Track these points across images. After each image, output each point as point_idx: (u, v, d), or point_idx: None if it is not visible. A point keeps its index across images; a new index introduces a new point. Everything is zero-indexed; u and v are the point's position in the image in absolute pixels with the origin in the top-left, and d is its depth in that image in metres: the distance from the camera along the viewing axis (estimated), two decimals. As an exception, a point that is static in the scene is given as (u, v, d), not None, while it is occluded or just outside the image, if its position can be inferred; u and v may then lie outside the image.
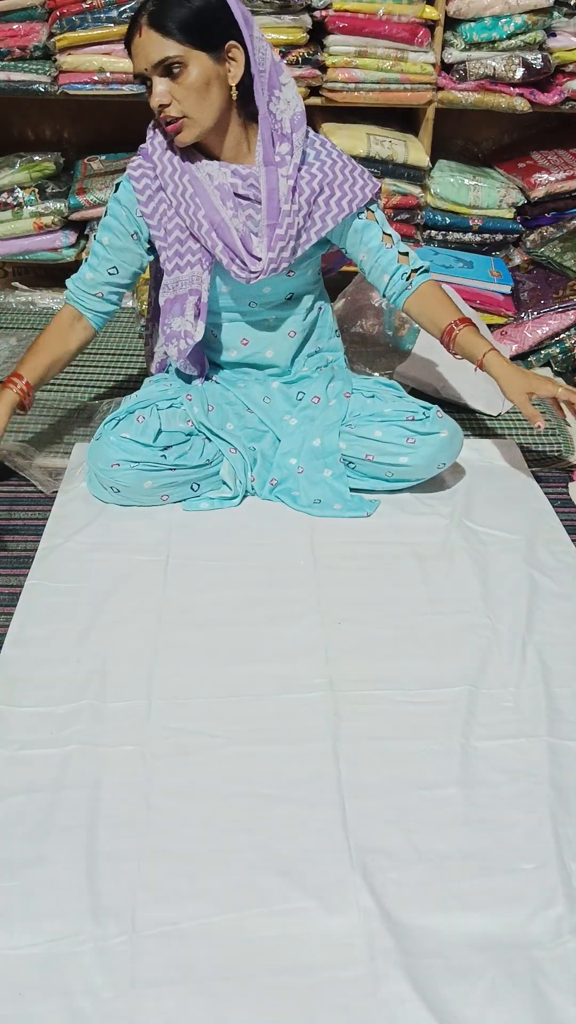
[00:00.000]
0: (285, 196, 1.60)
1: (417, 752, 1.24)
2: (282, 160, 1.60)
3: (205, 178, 1.61)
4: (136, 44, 1.51)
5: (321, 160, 1.65)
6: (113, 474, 1.70)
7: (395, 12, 2.37)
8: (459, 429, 1.78)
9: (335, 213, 1.66)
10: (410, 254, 1.73)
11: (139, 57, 1.51)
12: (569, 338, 2.39)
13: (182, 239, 1.65)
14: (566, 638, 1.45)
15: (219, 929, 1.02)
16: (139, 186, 1.64)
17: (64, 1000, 0.95)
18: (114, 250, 1.70)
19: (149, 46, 1.49)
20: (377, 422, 1.73)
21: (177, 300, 1.68)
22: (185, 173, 1.61)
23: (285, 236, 1.62)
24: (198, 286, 1.66)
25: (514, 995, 0.96)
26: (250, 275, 1.63)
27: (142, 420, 1.70)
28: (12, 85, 2.48)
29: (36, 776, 1.19)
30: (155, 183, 1.64)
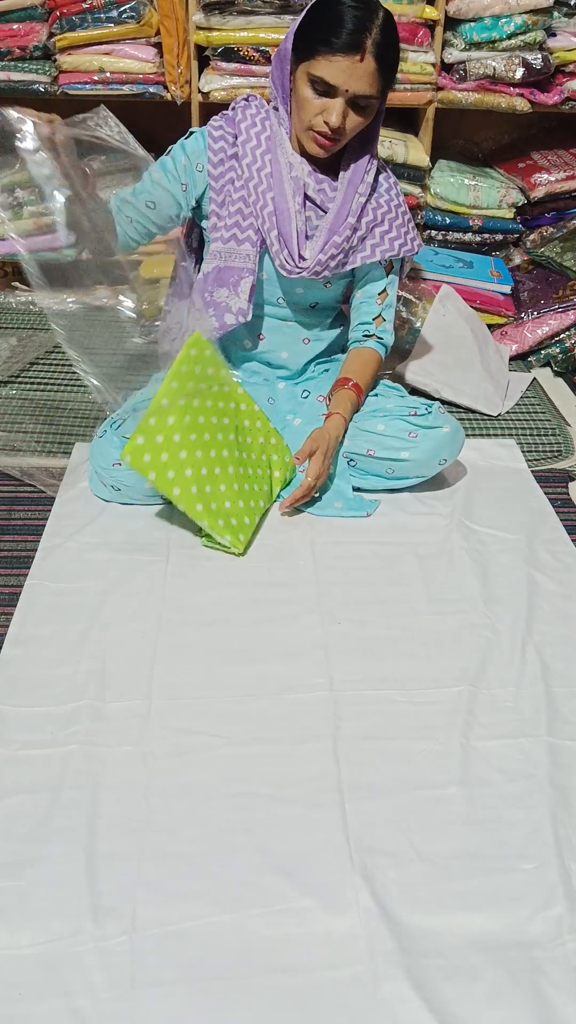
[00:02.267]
0: (354, 211, 1.65)
1: (417, 752, 1.24)
2: (363, 181, 1.65)
3: (286, 165, 1.63)
4: (351, 63, 1.46)
5: (390, 196, 1.73)
6: (114, 473, 1.70)
7: (395, 12, 2.37)
8: (460, 427, 1.78)
9: (384, 248, 1.72)
10: (386, 322, 1.80)
11: (346, 76, 1.47)
12: (569, 338, 2.39)
13: (244, 212, 1.66)
14: (566, 638, 1.46)
15: (219, 929, 1.02)
16: (215, 146, 1.65)
17: (64, 1000, 0.95)
18: (159, 188, 1.71)
19: (366, 76, 1.48)
20: (379, 417, 1.73)
21: (228, 271, 1.69)
22: (268, 152, 1.63)
23: (340, 245, 1.65)
24: (252, 265, 1.67)
25: (514, 995, 0.96)
26: (294, 268, 1.65)
27: None
28: (12, 85, 2.48)
29: (36, 776, 1.19)
30: (231, 149, 1.65)
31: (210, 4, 2.34)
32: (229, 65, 2.43)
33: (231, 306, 1.68)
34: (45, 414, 2.10)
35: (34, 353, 2.41)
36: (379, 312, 1.79)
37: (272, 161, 1.63)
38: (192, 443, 1.57)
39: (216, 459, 1.61)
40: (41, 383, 2.26)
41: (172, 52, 2.45)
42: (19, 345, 2.46)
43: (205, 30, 2.39)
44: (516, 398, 2.24)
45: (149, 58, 2.46)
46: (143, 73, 2.48)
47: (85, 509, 1.74)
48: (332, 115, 1.50)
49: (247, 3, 2.33)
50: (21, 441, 1.99)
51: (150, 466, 1.54)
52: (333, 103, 1.50)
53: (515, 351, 2.42)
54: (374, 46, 1.45)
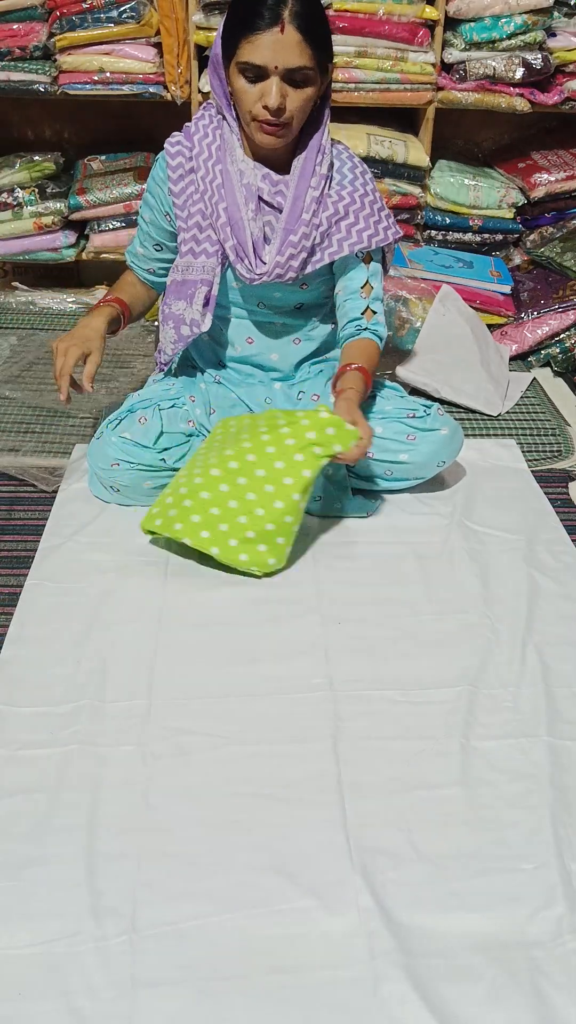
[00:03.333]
0: (308, 206, 1.60)
1: (417, 752, 1.24)
2: (315, 173, 1.60)
3: (236, 174, 1.60)
4: (272, 38, 1.42)
5: (354, 187, 1.65)
6: (113, 474, 1.70)
7: (395, 12, 2.37)
8: (459, 428, 1.78)
9: (353, 241, 1.65)
10: (377, 314, 1.72)
11: (271, 52, 1.43)
12: (569, 338, 2.39)
13: (202, 225, 1.65)
14: (566, 638, 1.45)
15: (219, 929, 1.02)
16: (173, 163, 1.64)
17: (64, 1000, 0.95)
18: (154, 227, 1.73)
19: (292, 47, 1.43)
20: (378, 419, 1.73)
21: (185, 284, 1.68)
22: (219, 162, 1.61)
23: (298, 244, 1.61)
24: (210, 277, 1.65)
25: (514, 995, 0.96)
26: (254, 276, 1.63)
27: (144, 421, 1.70)
28: (12, 85, 2.49)
29: (36, 776, 1.19)
30: (188, 163, 1.64)
31: (210, 4, 2.35)
32: (229, 65, 2.43)
33: (186, 318, 1.67)
34: (44, 414, 2.10)
35: (34, 353, 2.41)
36: (366, 306, 1.72)
37: (223, 171, 1.60)
38: (196, 486, 1.54)
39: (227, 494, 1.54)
40: (41, 383, 2.26)
41: (172, 52, 2.45)
42: (19, 345, 2.46)
43: (205, 30, 2.39)
44: (516, 398, 2.24)
45: (149, 58, 2.46)
46: (143, 73, 2.48)
47: (85, 509, 1.74)
48: (270, 97, 1.46)
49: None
50: (21, 441, 1.99)
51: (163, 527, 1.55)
52: (267, 84, 1.46)
53: (515, 351, 2.42)
54: (292, 16, 1.42)
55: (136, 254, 1.80)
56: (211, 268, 1.65)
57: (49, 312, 2.67)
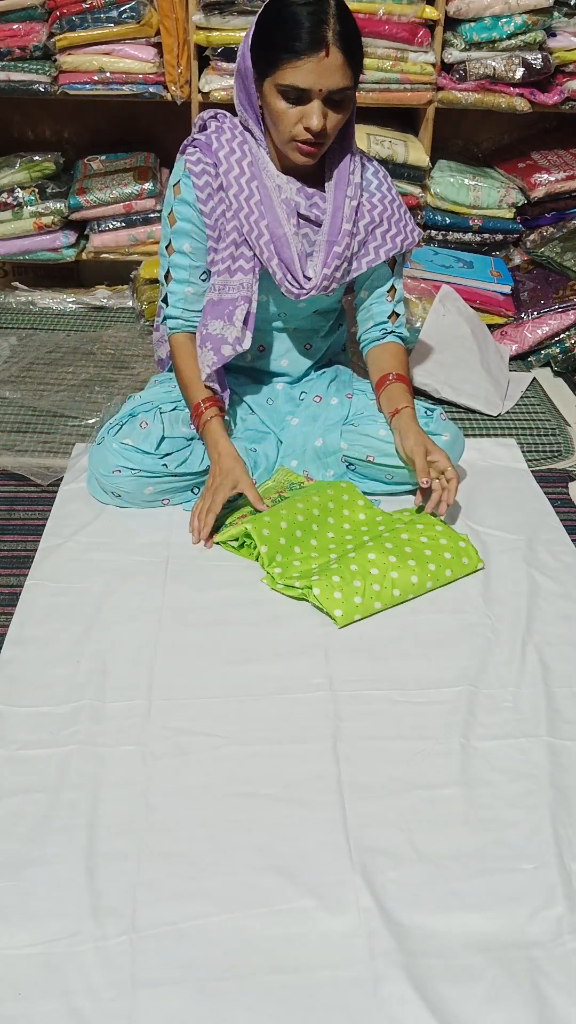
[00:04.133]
0: (348, 216, 1.61)
1: (417, 752, 1.24)
2: (349, 183, 1.61)
3: (274, 189, 1.57)
4: (318, 62, 1.40)
5: (382, 192, 1.68)
6: (114, 480, 1.69)
7: (395, 12, 2.37)
8: (460, 434, 1.78)
9: (388, 248, 1.68)
10: (400, 316, 1.77)
11: (316, 76, 1.41)
12: (569, 338, 2.39)
13: (237, 242, 1.60)
14: (566, 638, 1.45)
15: (219, 929, 1.02)
16: (199, 182, 1.59)
17: (64, 1000, 0.95)
18: (199, 255, 1.65)
19: (336, 70, 1.41)
20: (380, 421, 1.73)
21: (223, 304, 1.62)
22: (254, 178, 1.58)
23: (342, 255, 1.61)
24: (248, 294, 1.61)
25: (514, 995, 0.96)
26: (301, 292, 1.62)
27: (145, 426, 1.69)
28: (12, 85, 2.49)
29: (36, 776, 1.19)
30: (216, 181, 1.59)
31: (210, 4, 2.35)
32: (229, 65, 2.43)
33: (227, 336, 1.62)
34: (44, 414, 2.10)
35: (34, 353, 2.41)
36: (391, 309, 1.76)
37: (259, 187, 1.57)
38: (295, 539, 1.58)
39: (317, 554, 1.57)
40: (40, 383, 2.26)
41: (172, 52, 2.45)
42: (19, 344, 2.46)
43: (205, 30, 2.39)
44: (516, 398, 2.24)
45: (149, 58, 2.46)
46: (143, 73, 2.48)
47: (85, 509, 1.74)
48: (312, 119, 1.44)
49: (247, 3, 2.34)
50: (20, 441, 1.99)
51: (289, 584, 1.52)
52: (310, 107, 1.44)
53: (515, 351, 2.42)
54: (336, 37, 1.40)
55: (186, 297, 1.68)
56: (248, 285, 1.61)
57: (49, 312, 2.67)
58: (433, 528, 1.61)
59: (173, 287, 1.68)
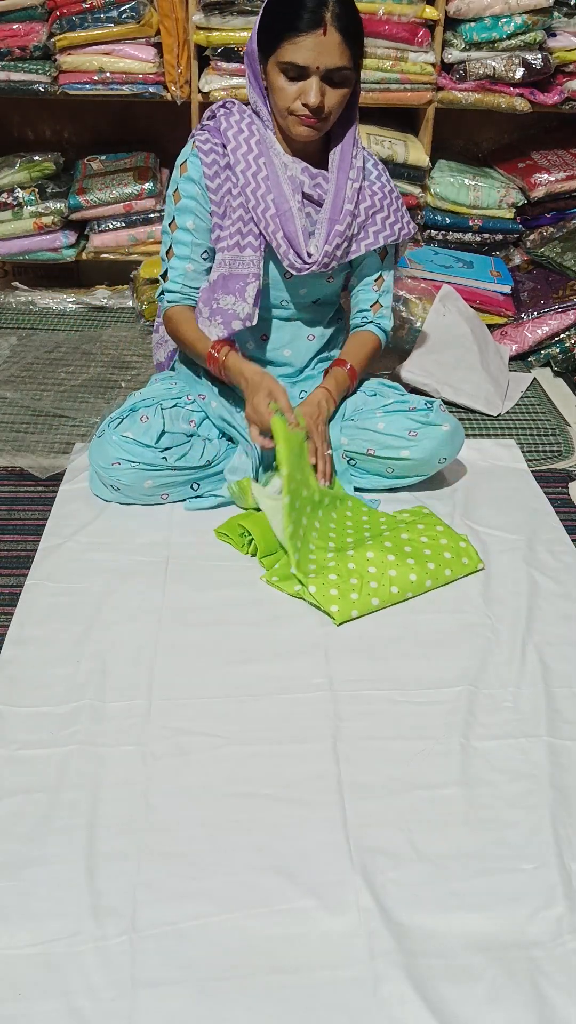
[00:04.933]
0: (350, 197, 1.66)
1: (417, 752, 1.24)
2: (352, 166, 1.67)
3: (281, 166, 1.63)
4: (316, 39, 1.47)
5: (382, 183, 1.73)
6: (113, 472, 1.69)
7: (395, 12, 2.37)
8: (460, 426, 1.78)
9: (386, 233, 1.72)
10: (384, 308, 1.82)
11: (314, 54, 1.48)
12: (569, 338, 2.39)
13: (245, 219, 1.65)
14: (566, 638, 1.45)
15: (219, 929, 1.02)
16: (207, 160, 1.64)
17: (64, 1000, 0.95)
18: (201, 232, 1.69)
19: (333, 49, 1.48)
20: (380, 415, 1.73)
21: (235, 279, 1.66)
22: (261, 155, 1.63)
23: (343, 233, 1.66)
24: (257, 270, 1.66)
25: (514, 995, 0.96)
26: (303, 266, 1.65)
27: (146, 420, 1.69)
28: (12, 85, 2.49)
29: (36, 776, 1.19)
30: (223, 159, 1.65)
31: (210, 4, 2.35)
32: (229, 65, 2.43)
33: (238, 312, 1.66)
34: (44, 415, 2.10)
35: (34, 353, 2.41)
36: (376, 299, 1.80)
37: (267, 164, 1.63)
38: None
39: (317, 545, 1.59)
40: (40, 383, 2.26)
41: (172, 52, 2.45)
42: (19, 344, 2.46)
43: (205, 30, 2.39)
44: (516, 398, 2.24)
45: (149, 58, 2.46)
46: (143, 73, 2.48)
47: (85, 509, 1.74)
48: (310, 95, 1.51)
49: (247, 3, 2.34)
50: (20, 441, 1.99)
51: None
52: (308, 83, 1.51)
53: (515, 351, 2.42)
54: (334, 18, 1.46)
55: (184, 277, 1.72)
56: (257, 261, 1.66)
57: (49, 312, 2.67)
58: (434, 528, 1.61)
59: (174, 263, 1.72)
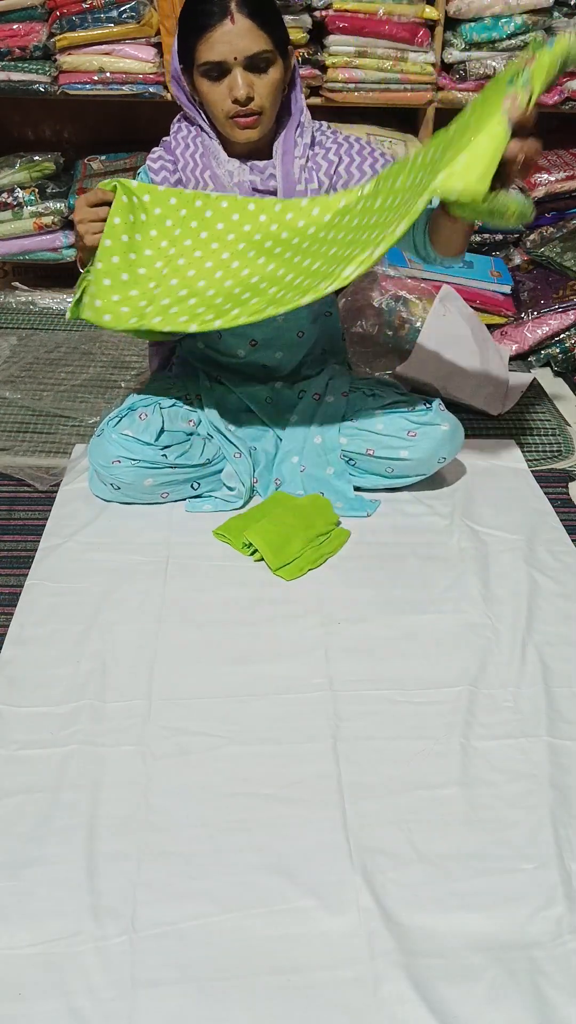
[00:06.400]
0: (299, 177, 1.62)
1: (417, 752, 1.24)
2: (296, 145, 1.61)
3: (226, 175, 1.61)
4: (225, 31, 1.44)
5: (337, 143, 1.66)
6: (113, 471, 1.70)
7: (395, 12, 2.37)
8: (459, 425, 1.78)
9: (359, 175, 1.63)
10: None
11: (227, 45, 1.45)
12: (569, 338, 2.39)
13: None
14: (566, 638, 1.45)
15: (219, 929, 1.02)
16: (157, 178, 1.64)
17: (64, 1000, 0.95)
18: None
19: (245, 36, 1.45)
20: (379, 415, 1.73)
21: None
22: (206, 169, 1.62)
23: None
24: None
25: (514, 995, 0.96)
26: None
27: (144, 418, 1.69)
28: (12, 85, 2.48)
29: (36, 776, 1.19)
30: (174, 176, 1.64)
31: (210, 4, 2.34)
32: (229, 65, 2.43)
33: None
34: (44, 415, 2.10)
35: (34, 353, 2.41)
36: None
37: (211, 176, 1.61)
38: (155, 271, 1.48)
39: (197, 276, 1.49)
40: (40, 384, 2.26)
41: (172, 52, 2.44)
42: (19, 344, 2.46)
43: (205, 30, 2.39)
44: (516, 398, 2.24)
45: (149, 58, 2.46)
46: (143, 73, 2.48)
47: (85, 509, 1.74)
48: (237, 88, 1.47)
49: (247, 3, 2.33)
50: (20, 442, 1.99)
51: (102, 309, 1.49)
52: (232, 78, 1.47)
53: (515, 351, 2.41)
54: (238, 5, 1.43)
55: None
56: None
57: (49, 312, 2.67)
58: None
59: None
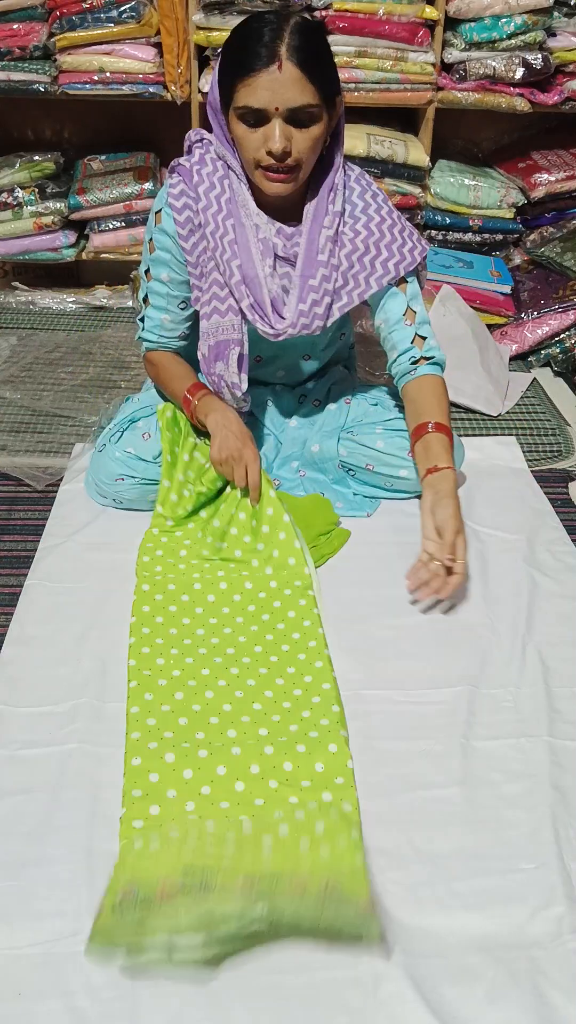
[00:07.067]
0: (323, 247, 1.51)
1: (417, 752, 1.24)
2: (327, 212, 1.51)
3: (252, 228, 1.49)
4: (271, 78, 1.31)
5: (369, 215, 1.55)
6: (116, 488, 1.69)
7: (395, 12, 2.37)
8: (461, 443, 1.76)
9: (380, 275, 1.56)
10: (428, 339, 1.61)
11: (270, 93, 1.32)
12: (569, 338, 2.39)
13: (220, 283, 1.54)
14: (566, 638, 1.45)
15: (219, 929, 1.02)
16: (180, 218, 1.52)
17: (64, 1000, 0.95)
18: (177, 284, 1.60)
19: (292, 85, 1.31)
20: (379, 431, 1.71)
21: (220, 346, 1.57)
22: (230, 216, 1.50)
23: (319, 289, 1.52)
24: (238, 336, 1.55)
25: (514, 995, 0.96)
26: (276, 332, 1.55)
27: (147, 437, 1.68)
28: (12, 85, 2.48)
29: (36, 776, 1.19)
30: (197, 217, 1.52)
31: (210, 4, 2.35)
32: (229, 65, 2.43)
33: (227, 380, 1.57)
34: (43, 415, 2.10)
35: (34, 353, 2.41)
36: (414, 333, 1.60)
37: (235, 226, 1.49)
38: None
39: None
40: (40, 384, 2.26)
41: (172, 52, 2.45)
42: (19, 344, 2.46)
43: (205, 30, 2.39)
44: (516, 398, 2.24)
45: (149, 58, 2.46)
46: (143, 73, 2.48)
47: (85, 509, 1.74)
48: (273, 141, 1.35)
49: (247, 3, 2.34)
50: (20, 442, 1.99)
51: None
52: (269, 128, 1.35)
53: (515, 351, 2.42)
54: (290, 51, 1.30)
55: (163, 326, 1.66)
56: (238, 326, 1.55)
57: (49, 312, 2.67)
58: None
59: (151, 312, 1.66)
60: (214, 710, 1.27)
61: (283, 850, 1.03)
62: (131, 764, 1.18)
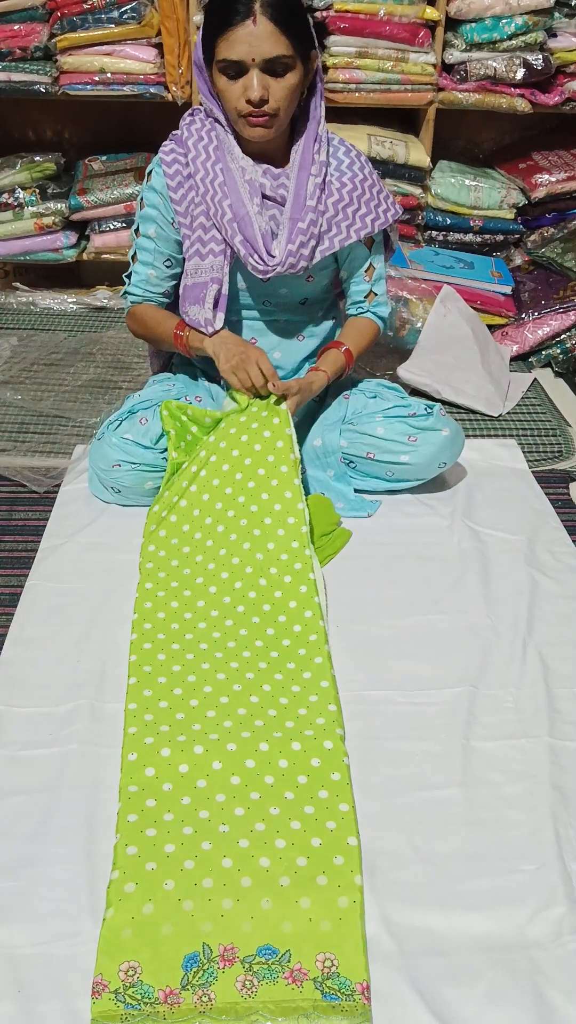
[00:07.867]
0: (312, 193, 1.61)
1: (417, 752, 1.24)
2: (314, 162, 1.61)
3: (238, 170, 1.60)
4: (246, 32, 1.43)
5: (353, 171, 1.66)
6: (114, 474, 1.70)
7: (396, 13, 2.37)
8: (460, 430, 1.78)
9: (359, 227, 1.67)
10: (379, 295, 1.80)
11: (247, 46, 1.44)
12: (570, 338, 2.39)
13: (206, 226, 1.63)
14: (566, 638, 1.45)
15: (219, 929, 1.02)
16: (170, 171, 1.63)
17: (64, 1000, 0.95)
18: (163, 241, 1.69)
19: (265, 39, 1.44)
20: (379, 419, 1.73)
21: (196, 288, 1.65)
22: (219, 162, 1.60)
23: (307, 232, 1.61)
24: (219, 275, 1.63)
25: (514, 995, 0.96)
26: (267, 269, 1.62)
27: (144, 422, 1.70)
28: (13, 86, 2.49)
29: (36, 776, 1.19)
30: (186, 169, 1.63)
31: (211, 5, 2.35)
32: (230, 66, 2.43)
33: (200, 319, 1.65)
34: (44, 416, 2.10)
35: (35, 354, 2.41)
36: (369, 288, 1.78)
37: (224, 169, 1.60)
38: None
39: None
40: (41, 384, 2.26)
41: (173, 53, 2.45)
42: (20, 345, 2.46)
43: (206, 31, 2.39)
44: (517, 399, 2.24)
45: (150, 59, 2.46)
46: (144, 74, 2.48)
47: (85, 509, 1.74)
48: (251, 89, 1.47)
49: (248, 4, 2.34)
50: (20, 442, 1.99)
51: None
52: (248, 78, 1.47)
53: (516, 352, 2.42)
54: (263, 7, 1.42)
55: (147, 280, 1.74)
56: (219, 267, 1.63)
57: (50, 313, 2.67)
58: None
59: (137, 267, 1.74)
60: (212, 704, 1.27)
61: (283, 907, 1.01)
62: (127, 759, 1.19)
